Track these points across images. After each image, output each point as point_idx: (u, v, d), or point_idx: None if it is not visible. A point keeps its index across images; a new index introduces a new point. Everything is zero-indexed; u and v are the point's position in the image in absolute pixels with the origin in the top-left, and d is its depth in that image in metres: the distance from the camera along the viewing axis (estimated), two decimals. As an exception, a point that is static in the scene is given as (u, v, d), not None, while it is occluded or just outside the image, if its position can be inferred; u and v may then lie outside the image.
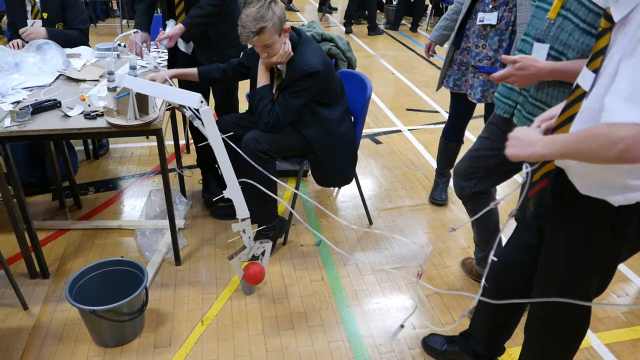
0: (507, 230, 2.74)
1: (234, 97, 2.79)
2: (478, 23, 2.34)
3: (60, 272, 2.36)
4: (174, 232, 2.33)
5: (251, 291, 2.28)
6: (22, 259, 2.27)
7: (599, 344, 2.07)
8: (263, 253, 2.06)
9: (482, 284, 1.40)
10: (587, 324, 1.49)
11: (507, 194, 1.42)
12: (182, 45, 2.64)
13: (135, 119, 2.00)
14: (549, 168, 1.40)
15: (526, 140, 1.21)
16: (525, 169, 1.26)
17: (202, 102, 1.66)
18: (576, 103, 1.22)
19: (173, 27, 2.45)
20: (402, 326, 2.02)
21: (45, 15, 2.90)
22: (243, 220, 1.87)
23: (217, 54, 2.54)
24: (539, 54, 1.56)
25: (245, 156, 1.99)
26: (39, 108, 2.05)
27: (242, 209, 1.85)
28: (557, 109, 1.37)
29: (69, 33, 2.94)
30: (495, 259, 1.35)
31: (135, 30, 2.55)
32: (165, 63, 2.80)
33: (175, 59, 2.71)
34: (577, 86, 1.21)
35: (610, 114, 1.01)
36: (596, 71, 1.15)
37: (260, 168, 1.96)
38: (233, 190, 1.80)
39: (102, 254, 2.48)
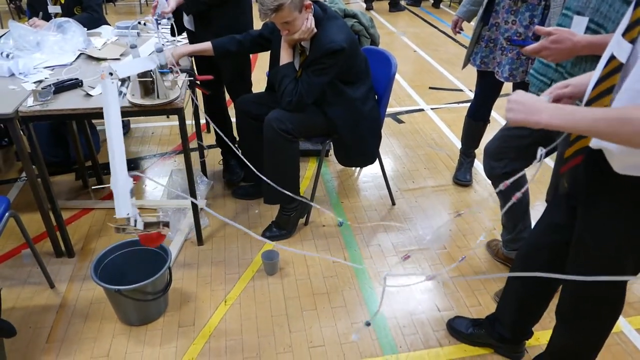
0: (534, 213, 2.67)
1: (246, 78, 2.72)
2: (508, -3, 2.25)
3: (85, 251, 2.38)
4: (196, 212, 2.33)
5: (274, 272, 2.27)
6: (48, 238, 2.30)
7: (630, 329, 2.02)
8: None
9: (461, 260, 1.35)
10: (620, 306, 1.45)
11: (523, 186, 1.36)
12: (187, 23, 2.56)
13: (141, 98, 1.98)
14: (583, 144, 1.32)
15: (531, 105, 1.11)
16: (540, 151, 1.20)
17: (110, 73, 1.59)
18: (613, 75, 1.14)
19: None
20: (368, 324, 2.00)
21: (62, 0, 2.87)
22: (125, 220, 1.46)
23: (213, 35, 2.41)
24: (578, 27, 1.49)
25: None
26: (61, 87, 2.04)
27: (122, 206, 1.43)
28: (575, 79, 1.30)
29: (79, 19, 2.85)
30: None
31: None
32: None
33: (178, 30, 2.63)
34: (613, 57, 1.14)
35: None
36: (633, 41, 1.08)
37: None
38: (117, 181, 1.43)
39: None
